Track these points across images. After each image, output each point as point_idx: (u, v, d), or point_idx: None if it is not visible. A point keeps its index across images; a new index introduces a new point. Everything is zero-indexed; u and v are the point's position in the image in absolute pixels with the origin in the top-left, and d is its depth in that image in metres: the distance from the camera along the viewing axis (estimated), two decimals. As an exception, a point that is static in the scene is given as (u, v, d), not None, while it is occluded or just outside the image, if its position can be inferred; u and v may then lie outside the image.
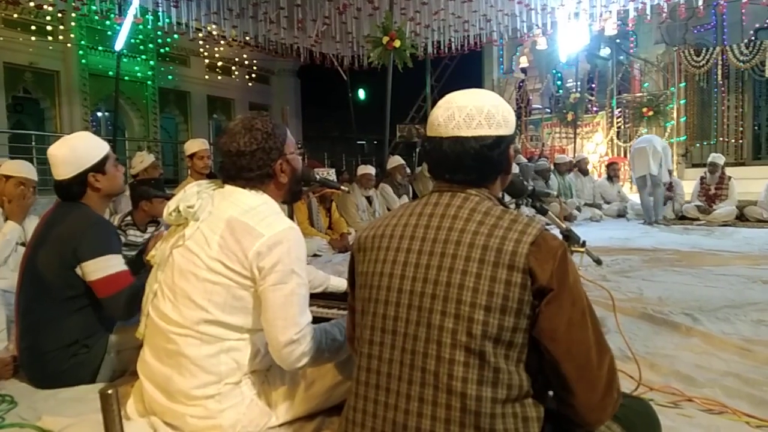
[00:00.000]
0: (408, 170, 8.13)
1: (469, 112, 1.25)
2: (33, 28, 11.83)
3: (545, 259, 1.13)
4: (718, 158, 8.33)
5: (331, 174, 6.05)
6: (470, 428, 1.10)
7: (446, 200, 1.26)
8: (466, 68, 15.40)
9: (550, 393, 1.22)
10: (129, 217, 3.74)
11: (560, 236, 1.46)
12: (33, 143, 10.04)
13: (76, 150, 2.24)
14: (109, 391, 0.95)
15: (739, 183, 8.29)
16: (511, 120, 1.29)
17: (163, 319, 1.67)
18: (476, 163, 1.25)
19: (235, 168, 1.70)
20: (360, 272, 1.31)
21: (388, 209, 7.15)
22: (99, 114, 14.64)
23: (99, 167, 2.25)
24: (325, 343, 1.70)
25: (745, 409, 1.93)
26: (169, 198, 2.54)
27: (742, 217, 7.92)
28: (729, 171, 8.44)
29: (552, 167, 9.53)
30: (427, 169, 1.42)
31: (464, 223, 1.21)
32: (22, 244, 3.47)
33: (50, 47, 12.22)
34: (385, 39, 8.15)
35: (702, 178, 8.41)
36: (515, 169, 8.14)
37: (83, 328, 2.17)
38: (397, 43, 8.13)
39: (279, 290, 1.60)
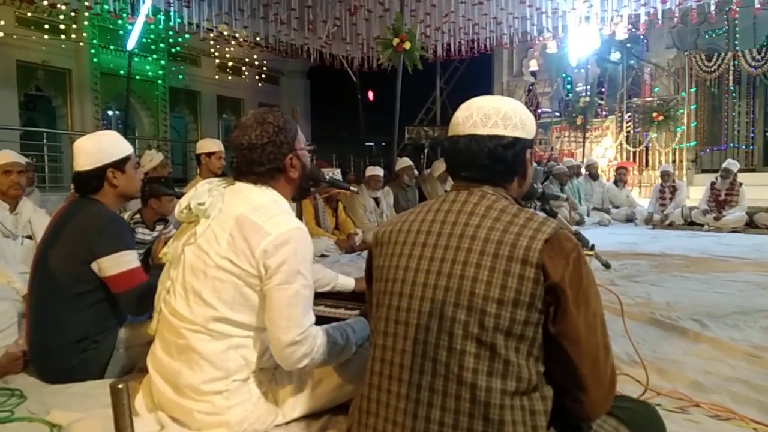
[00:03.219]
0: (416, 172, 8.13)
1: (486, 113, 1.29)
2: (46, 26, 11.91)
3: (558, 258, 1.14)
4: (733, 165, 8.25)
5: (337, 174, 6.06)
6: (479, 419, 1.12)
7: (463, 197, 1.29)
8: (475, 71, 15.39)
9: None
10: (138, 215, 3.76)
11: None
12: (44, 141, 10.12)
13: (101, 144, 2.30)
14: (120, 386, 0.96)
15: (749, 189, 8.21)
16: (530, 125, 1.33)
17: (175, 316, 1.69)
18: (490, 161, 1.28)
19: (246, 162, 1.71)
20: (376, 266, 1.34)
21: (396, 212, 7.15)
22: (110, 112, 14.72)
23: (119, 165, 2.29)
24: (327, 346, 1.70)
25: (753, 415, 1.92)
26: (178, 196, 2.56)
27: (751, 224, 7.85)
28: (739, 177, 8.35)
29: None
30: (445, 168, 1.45)
31: (480, 219, 1.23)
32: (28, 237, 3.51)
33: (63, 46, 12.30)
34: (395, 41, 8.15)
35: (713, 184, 8.33)
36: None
37: (93, 325, 2.19)
38: (407, 45, 8.13)
39: (284, 290, 1.60)
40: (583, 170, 10.22)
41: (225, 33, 12.03)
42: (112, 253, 2.15)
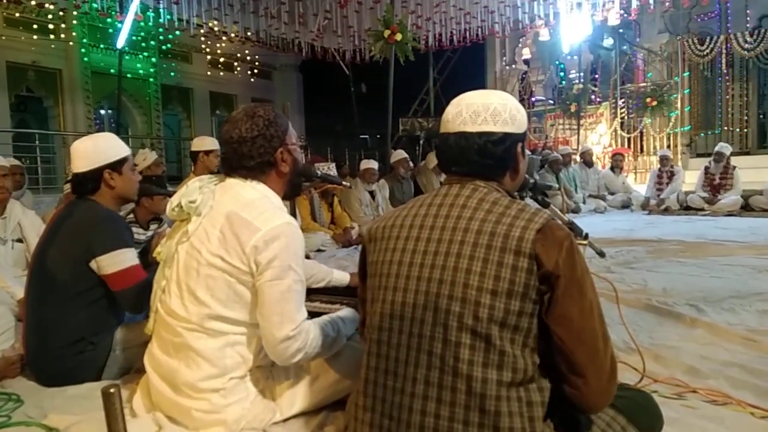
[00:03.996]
0: (411, 164, 8.11)
1: (475, 109, 1.29)
2: (35, 26, 11.84)
3: (551, 246, 1.15)
4: (725, 148, 8.25)
5: (331, 168, 6.04)
6: (475, 410, 1.12)
7: (455, 191, 1.30)
8: (468, 60, 15.36)
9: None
10: (131, 215, 3.74)
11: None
12: (36, 142, 10.08)
13: (98, 145, 2.31)
14: (111, 390, 0.95)
15: (744, 172, 8.22)
16: (520, 119, 1.32)
17: (171, 315, 1.68)
18: (480, 157, 1.28)
19: (237, 156, 1.70)
20: (370, 262, 1.34)
21: (392, 204, 7.14)
22: (102, 112, 14.67)
23: (116, 166, 2.30)
24: (319, 339, 1.70)
25: (749, 399, 1.93)
26: (170, 195, 2.57)
27: (747, 207, 7.86)
28: (734, 160, 8.36)
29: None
30: (437, 163, 1.46)
31: (472, 211, 1.24)
32: (19, 240, 3.50)
33: (52, 46, 12.23)
34: (387, 32, 8.13)
35: (706, 168, 8.35)
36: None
37: (89, 325, 2.18)
38: (398, 37, 8.11)
39: (276, 286, 1.60)
40: (578, 157, 10.21)
41: (215, 29, 11.96)
42: (111, 251, 2.15)
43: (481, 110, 1.29)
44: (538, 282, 1.14)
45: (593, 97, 13.48)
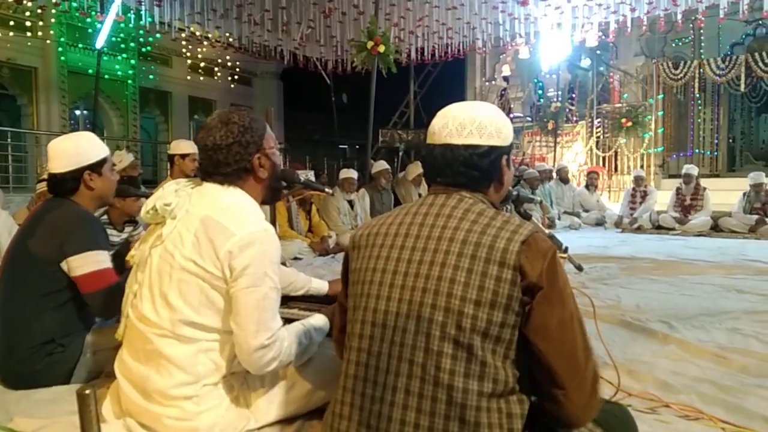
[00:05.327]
0: (391, 175, 8.13)
1: (461, 122, 1.29)
2: (11, 23, 11.62)
3: (535, 257, 1.15)
4: (692, 169, 8.59)
5: (310, 176, 6.03)
6: (455, 421, 1.11)
7: (441, 201, 1.30)
8: (449, 75, 15.48)
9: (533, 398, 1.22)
10: (105, 216, 3.67)
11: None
12: (9, 140, 9.85)
13: (79, 146, 2.27)
14: (87, 391, 0.93)
15: (713, 194, 8.46)
16: (506, 132, 1.33)
17: (142, 321, 1.65)
18: (465, 168, 1.28)
19: (213, 163, 1.68)
20: (353, 269, 1.32)
21: (371, 214, 7.14)
22: (77, 112, 14.40)
23: (96, 167, 2.27)
24: (293, 347, 1.69)
25: (720, 415, 1.96)
26: (146, 196, 2.53)
27: (716, 228, 8.06)
28: (704, 182, 8.65)
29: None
30: (423, 173, 1.46)
31: (458, 221, 1.24)
32: None
33: (29, 43, 12.01)
34: (370, 44, 8.15)
35: (678, 189, 8.57)
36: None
37: (60, 327, 2.13)
38: (381, 48, 8.14)
39: (251, 293, 1.57)
40: (554, 174, 10.35)
41: (197, 33, 11.87)
42: (83, 252, 2.11)
43: (467, 123, 1.29)
44: (522, 293, 1.14)
45: (570, 115, 13.68)
